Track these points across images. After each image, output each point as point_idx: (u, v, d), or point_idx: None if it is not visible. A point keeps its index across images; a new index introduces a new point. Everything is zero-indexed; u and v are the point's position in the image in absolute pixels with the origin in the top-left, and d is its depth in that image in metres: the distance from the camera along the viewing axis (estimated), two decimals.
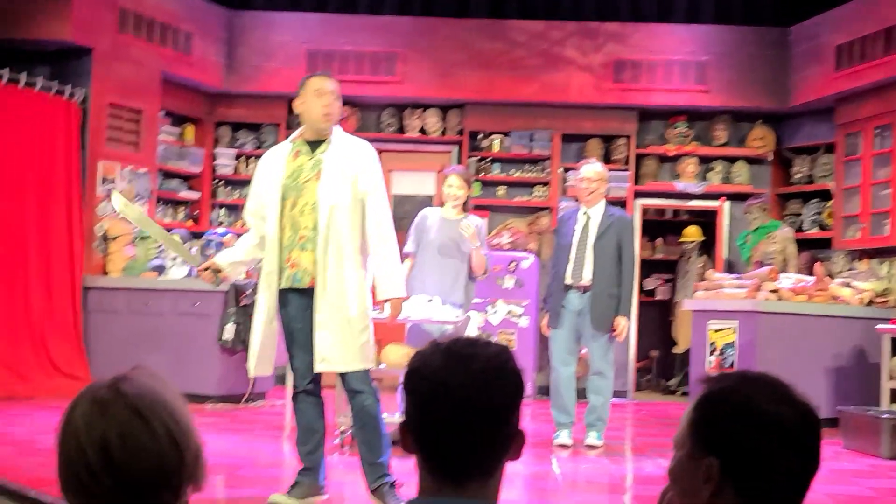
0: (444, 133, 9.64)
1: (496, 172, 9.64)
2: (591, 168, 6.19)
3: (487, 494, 1.46)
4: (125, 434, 1.40)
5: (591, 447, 5.94)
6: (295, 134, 4.23)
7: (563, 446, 5.89)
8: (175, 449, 1.43)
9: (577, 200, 6.79)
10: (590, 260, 6.00)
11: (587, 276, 5.98)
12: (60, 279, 7.69)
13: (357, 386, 4.06)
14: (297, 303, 4.08)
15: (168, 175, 9.26)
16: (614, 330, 5.97)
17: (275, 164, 4.15)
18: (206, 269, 4.21)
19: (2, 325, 7.29)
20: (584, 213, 6.13)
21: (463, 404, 1.42)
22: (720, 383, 1.49)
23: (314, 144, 4.14)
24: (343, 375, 4.12)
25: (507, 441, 1.47)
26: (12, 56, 7.73)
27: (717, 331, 7.16)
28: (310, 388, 4.13)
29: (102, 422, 1.40)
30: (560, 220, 6.47)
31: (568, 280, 6.03)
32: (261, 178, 4.19)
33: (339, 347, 3.99)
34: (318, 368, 4.05)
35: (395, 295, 4.14)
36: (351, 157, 4.10)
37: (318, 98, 4.07)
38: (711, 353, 7.16)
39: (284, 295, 4.10)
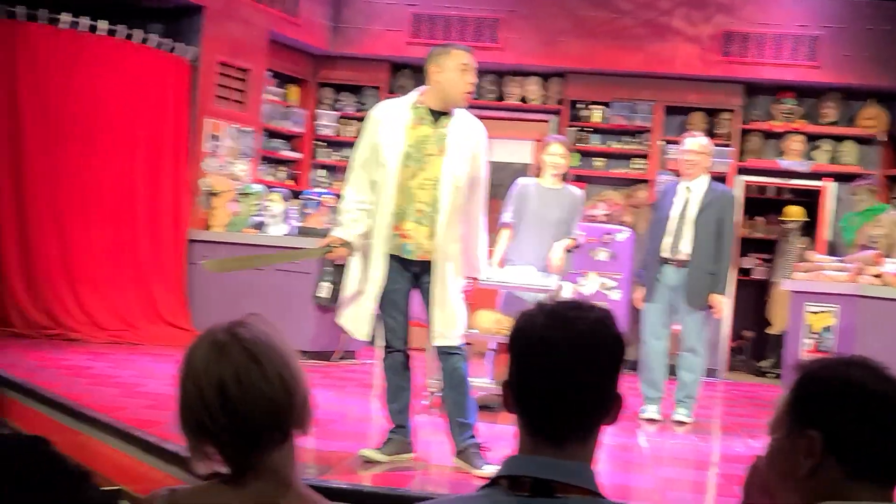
0: (544, 102, 9.59)
1: (595, 143, 9.54)
2: (696, 141, 6.05)
3: (584, 455, 1.49)
4: (241, 376, 1.49)
5: (679, 423, 5.89)
6: (413, 97, 4.16)
7: (651, 420, 5.87)
8: (286, 392, 1.52)
9: (676, 174, 6.69)
10: (689, 234, 5.89)
11: (685, 251, 5.89)
12: (167, 232, 7.96)
13: (451, 349, 4.13)
14: (397, 267, 4.13)
15: (271, 134, 9.47)
16: (710, 307, 5.89)
17: (395, 128, 4.06)
18: (336, 247, 4.08)
19: (112, 273, 7.60)
20: (686, 186, 5.98)
21: (565, 365, 1.44)
22: (818, 364, 1.51)
23: (436, 114, 4.10)
24: None
25: (606, 404, 1.50)
26: (129, 13, 7.98)
27: (814, 313, 6.99)
28: (400, 348, 4.22)
29: (220, 364, 1.50)
30: (659, 193, 6.34)
31: (665, 253, 5.93)
32: (379, 139, 4.07)
33: (451, 322, 4.10)
34: (436, 343, 4.14)
35: (478, 276, 4.36)
36: (471, 135, 4.10)
37: (464, 74, 4.04)
38: (808, 335, 7.01)
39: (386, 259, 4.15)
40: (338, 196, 8.93)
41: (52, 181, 7.35)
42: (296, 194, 9.05)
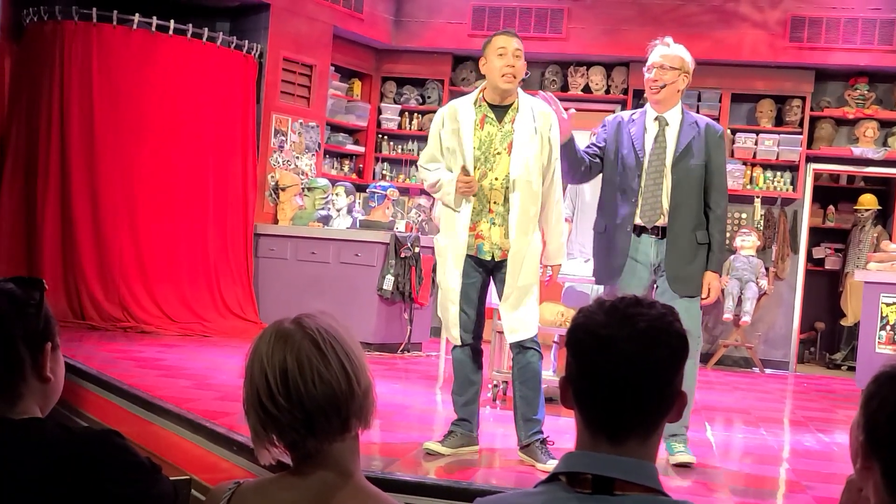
0: (608, 91, 9.50)
1: None
2: (668, 51, 4.22)
3: (645, 453, 1.47)
4: (302, 361, 1.56)
5: (682, 466, 4.12)
6: (476, 94, 4.19)
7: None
8: (346, 381, 1.58)
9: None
10: (667, 188, 4.15)
11: (665, 211, 4.16)
12: (235, 226, 8.11)
13: (526, 343, 4.14)
14: (472, 263, 4.16)
15: (335, 129, 9.56)
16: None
17: (464, 131, 4.09)
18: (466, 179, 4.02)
19: (182, 267, 7.77)
20: (656, 119, 4.18)
21: (626, 362, 1.42)
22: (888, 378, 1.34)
23: (499, 110, 4.11)
24: None
25: (668, 401, 1.47)
26: (196, 11, 8.14)
27: (889, 304, 6.82)
28: (471, 342, 4.23)
29: (283, 350, 1.57)
30: (611, 127, 4.28)
31: (638, 219, 4.18)
32: (447, 143, 4.13)
33: (523, 317, 4.10)
34: (510, 340, 4.16)
35: (559, 262, 4.25)
36: (537, 124, 4.08)
37: (500, 58, 4.04)
38: (882, 327, 6.84)
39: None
40: (400, 190, 9.00)
41: (124, 177, 7.54)
42: (360, 188, 9.13)
